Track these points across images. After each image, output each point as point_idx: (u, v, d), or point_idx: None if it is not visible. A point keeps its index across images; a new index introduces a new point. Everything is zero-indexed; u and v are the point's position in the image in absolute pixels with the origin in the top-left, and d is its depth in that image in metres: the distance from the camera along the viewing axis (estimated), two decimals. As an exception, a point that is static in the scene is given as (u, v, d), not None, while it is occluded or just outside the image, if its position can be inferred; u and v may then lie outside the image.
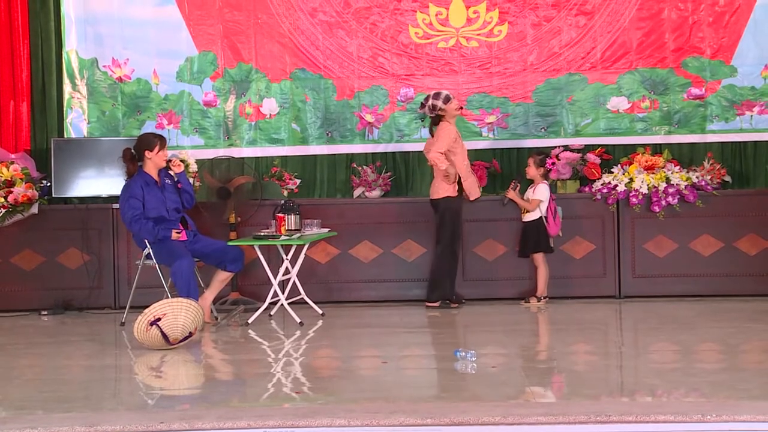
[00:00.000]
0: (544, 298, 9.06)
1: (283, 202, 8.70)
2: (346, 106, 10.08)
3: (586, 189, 9.45)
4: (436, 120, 8.99)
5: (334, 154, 10.12)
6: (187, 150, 9.72)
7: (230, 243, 8.42)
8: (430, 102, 8.96)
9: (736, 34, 9.79)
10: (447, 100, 8.94)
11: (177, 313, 7.19)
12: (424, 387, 6.18)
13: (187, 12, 10.02)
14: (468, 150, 9.88)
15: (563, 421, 4.99)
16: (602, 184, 9.36)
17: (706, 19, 9.83)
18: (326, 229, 8.75)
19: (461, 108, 9.32)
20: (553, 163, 9.51)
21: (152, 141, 8.27)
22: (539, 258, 9.08)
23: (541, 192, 9.05)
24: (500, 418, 5.02)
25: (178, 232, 8.17)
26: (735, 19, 9.80)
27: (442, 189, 8.94)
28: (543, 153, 9.34)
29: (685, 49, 9.85)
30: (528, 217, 9.09)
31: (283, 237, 8.28)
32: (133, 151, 8.31)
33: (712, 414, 4.97)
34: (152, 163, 8.27)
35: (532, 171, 9.13)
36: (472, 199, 9.03)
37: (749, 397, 5.52)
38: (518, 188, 9.14)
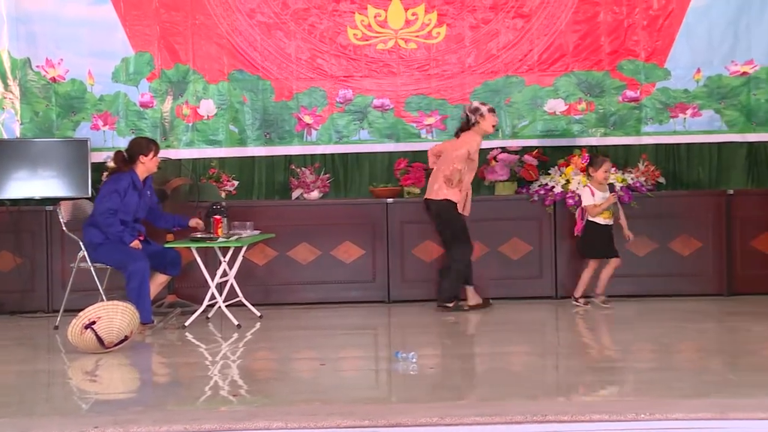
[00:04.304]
0: (581, 298, 8.99)
1: (211, 204, 8.61)
2: (285, 108, 10.04)
3: (524, 190, 9.52)
4: (466, 127, 8.89)
5: (273, 156, 10.07)
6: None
7: (167, 245, 8.35)
8: (475, 104, 8.91)
9: (670, 37, 9.93)
10: (491, 110, 8.88)
11: (112, 316, 7.10)
12: (361, 388, 6.17)
13: (123, 12, 9.91)
14: (406, 152, 9.94)
15: (500, 421, 5.01)
16: (539, 186, 9.43)
17: (641, 22, 9.95)
18: (258, 231, 8.69)
19: (494, 127, 9.01)
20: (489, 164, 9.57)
21: (148, 146, 8.22)
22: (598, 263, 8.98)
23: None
24: (437, 419, 5.03)
25: (139, 240, 8.14)
26: (668, 22, 9.93)
27: (444, 191, 8.80)
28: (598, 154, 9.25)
29: (620, 52, 9.97)
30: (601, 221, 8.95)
31: (220, 239, 8.23)
32: (125, 154, 8.21)
33: (646, 413, 5.03)
34: (144, 168, 8.21)
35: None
36: (467, 214, 8.96)
37: (682, 396, 5.60)
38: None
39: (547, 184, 9.41)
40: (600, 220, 8.88)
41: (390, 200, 9.53)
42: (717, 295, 9.30)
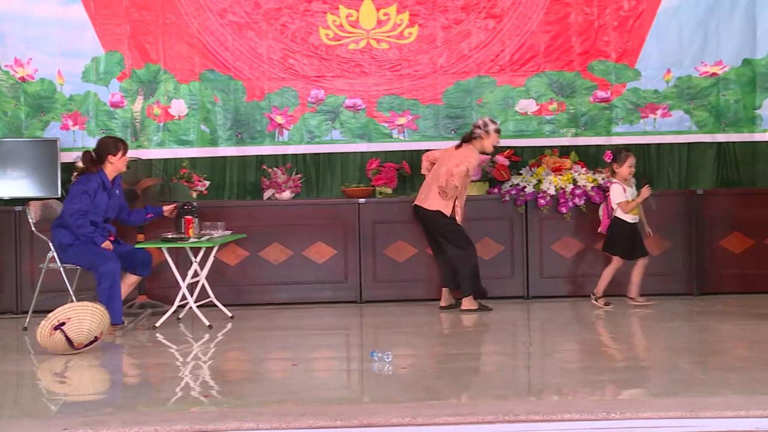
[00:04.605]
0: (601, 298, 8.94)
1: (182, 204, 8.57)
2: (256, 108, 10.01)
3: (495, 190, 9.54)
4: (468, 138, 8.88)
5: (244, 156, 10.05)
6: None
7: (138, 246, 8.30)
8: (486, 119, 8.91)
9: (640, 38, 9.98)
10: (497, 131, 8.89)
11: (82, 317, 7.06)
12: (333, 389, 6.16)
13: (92, 11, 9.85)
14: (378, 152, 9.93)
15: (472, 421, 5.02)
16: (511, 186, 9.46)
17: (612, 23, 10.00)
18: (229, 231, 8.66)
19: (494, 148, 9.02)
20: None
21: (117, 146, 8.17)
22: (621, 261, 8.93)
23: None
24: (410, 419, 5.04)
25: (109, 240, 8.09)
26: (639, 23, 9.98)
27: (437, 203, 8.80)
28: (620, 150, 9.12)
29: (591, 52, 10.01)
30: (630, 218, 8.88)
31: (192, 239, 8.20)
32: (93, 154, 8.15)
33: (617, 411, 5.05)
34: (113, 168, 8.16)
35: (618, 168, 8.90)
36: (460, 221, 8.93)
37: (652, 395, 5.64)
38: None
39: (518, 184, 9.43)
40: (629, 217, 8.80)
41: (362, 200, 9.53)
42: (686, 294, 9.35)
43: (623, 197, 8.80)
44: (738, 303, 8.64)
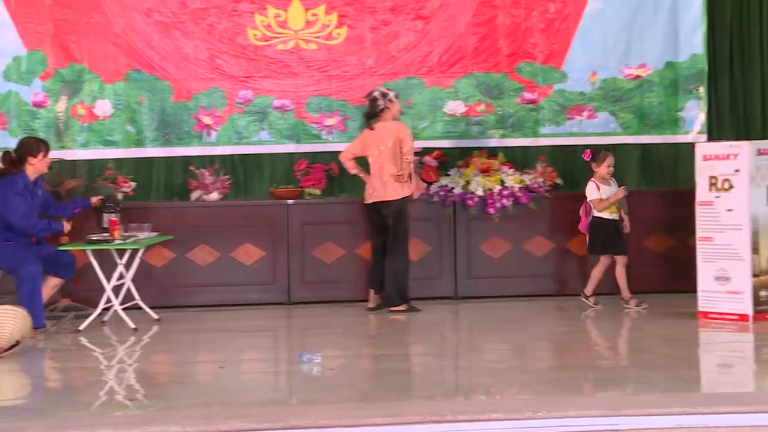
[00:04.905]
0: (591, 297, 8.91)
1: (104, 199, 8.44)
2: (183, 108, 9.91)
3: (424, 191, 9.55)
4: (376, 113, 8.91)
5: (171, 157, 9.93)
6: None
7: (61, 248, 8.17)
8: (382, 90, 8.99)
9: (566, 40, 10.07)
10: (395, 96, 9.00)
11: (3, 320, 6.93)
12: (261, 391, 6.14)
13: (13, 9, 9.64)
14: (307, 153, 9.89)
15: (400, 421, 5.03)
16: (439, 187, 9.49)
17: (538, 25, 10.08)
18: (155, 233, 8.57)
19: (400, 113, 9.17)
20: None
21: (38, 146, 8.04)
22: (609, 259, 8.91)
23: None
24: (337, 421, 5.03)
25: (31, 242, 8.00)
26: (565, 26, 10.08)
27: (399, 190, 8.82)
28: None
29: (518, 54, 10.08)
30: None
31: (117, 241, 8.10)
32: (13, 155, 7.98)
33: (543, 411, 5.09)
34: (34, 169, 8.02)
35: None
36: (416, 197, 8.97)
37: (578, 393, 5.69)
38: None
39: (447, 185, 9.47)
40: (606, 214, 8.82)
41: (290, 202, 9.50)
42: (611, 293, 9.45)
43: (597, 195, 8.81)
44: (662, 302, 8.76)
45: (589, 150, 9.09)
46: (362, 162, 9.06)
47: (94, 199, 8.41)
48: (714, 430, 4.98)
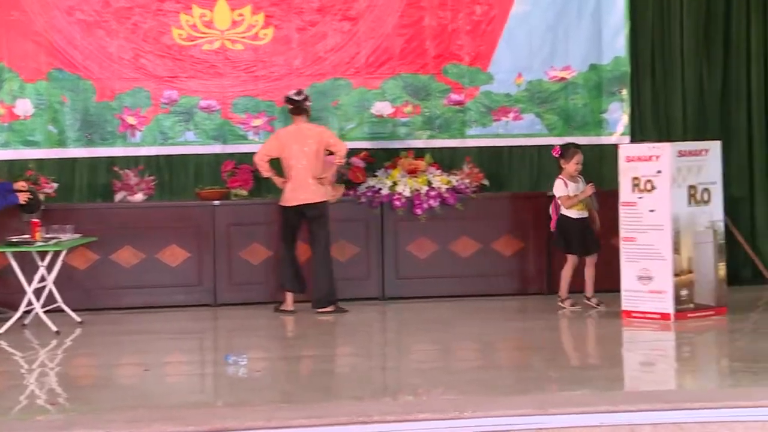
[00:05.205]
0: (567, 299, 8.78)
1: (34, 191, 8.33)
2: (107, 108, 9.77)
3: (351, 192, 9.56)
4: (301, 111, 8.96)
5: (94, 157, 9.79)
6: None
7: (-20, 250, 8.02)
8: (299, 90, 9.09)
9: (492, 42, 10.14)
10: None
11: None
12: (187, 393, 6.09)
13: (-71, 5, 9.46)
14: (234, 153, 9.83)
15: (326, 422, 5.02)
16: (367, 188, 9.50)
17: (465, 27, 10.13)
18: (78, 235, 8.45)
19: None
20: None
21: None
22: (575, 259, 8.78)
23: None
24: (264, 422, 5.00)
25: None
26: (491, 28, 10.14)
27: (322, 192, 8.88)
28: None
29: (445, 56, 10.12)
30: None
31: (38, 243, 7.98)
32: None
33: (469, 410, 5.12)
34: None
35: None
36: (333, 202, 8.99)
37: (504, 393, 5.74)
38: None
39: (374, 186, 9.48)
40: (573, 213, 8.70)
41: (217, 203, 9.43)
42: (537, 293, 9.55)
43: (564, 192, 8.70)
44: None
45: (558, 146, 8.97)
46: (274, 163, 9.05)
47: (22, 197, 8.25)
48: (637, 427, 5.05)
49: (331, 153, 9.01)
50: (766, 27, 10.27)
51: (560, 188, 8.72)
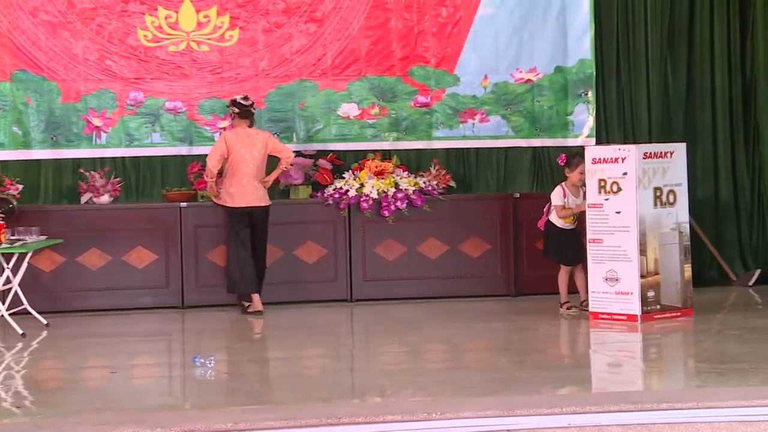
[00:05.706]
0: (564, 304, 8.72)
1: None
2: (72, 110, 9.72)
3: (318, 194, 9.56)
4: (249, 116, 9.05)
5: (60, 159, 9.73)
6: None
7: (-56, 252, 7.95)
8: (244, 96, 9.12)
9: (458, 44, 10.18)
10: None
11: None
12: (155, 396, 6.06)
13: None
14: (200, 155, 9.79)
15: (294, 425, 5.02)
16: (334, 189, 9.50)
17: (431, 29, 10.16)
18: (44, 237, 8.39)
19: None
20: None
21: None
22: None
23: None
24: (232, 425, 4.99)
25: None
26: (457, 30, 10.18)
27: (266, 196, 8.99)
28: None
29: (411, 58, 10.14)
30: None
31: (3, 245, 7.92)
32: None
33: (437, 412, 5.13)
34: None
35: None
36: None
37: (472, 394, 5.76)
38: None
39: (341, 188, 9.48)
40: (559, 222, 8.63)
41: (183, 204, 9.41)
42: (505, 295, 9.60)
43: (560, 201, 8.61)
44: (556, 303, 8.90)
45: (564, 154, 8.87)
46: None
47: None
48: (605, 428, 5.08)
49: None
50: (730, 29, 10.39)
51: (557, 196, 8.64)
